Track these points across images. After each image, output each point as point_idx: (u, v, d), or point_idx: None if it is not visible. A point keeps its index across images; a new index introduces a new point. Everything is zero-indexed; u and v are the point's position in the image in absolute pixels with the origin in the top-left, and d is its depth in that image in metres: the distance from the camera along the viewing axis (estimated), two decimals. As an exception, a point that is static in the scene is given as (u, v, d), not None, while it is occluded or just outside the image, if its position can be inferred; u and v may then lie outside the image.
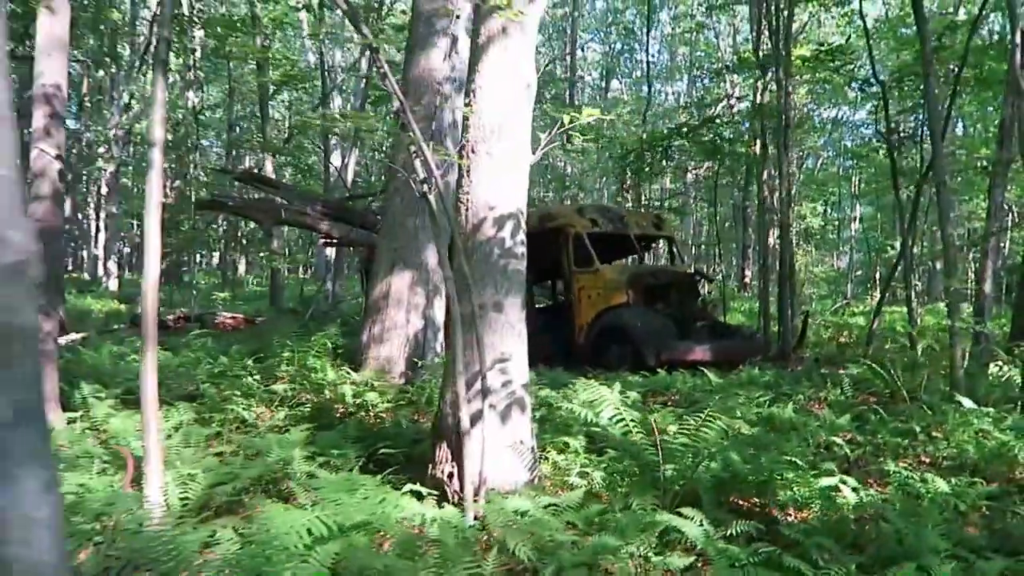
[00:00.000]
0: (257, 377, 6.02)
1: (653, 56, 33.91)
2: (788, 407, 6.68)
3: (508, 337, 4.03)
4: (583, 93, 42.62)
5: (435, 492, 3.97)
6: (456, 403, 3.85)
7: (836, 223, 34.29)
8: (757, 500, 4.56)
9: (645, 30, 31.23)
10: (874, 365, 7.43)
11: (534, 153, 4.18)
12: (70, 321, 14.74)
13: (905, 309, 9.00)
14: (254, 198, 13.27)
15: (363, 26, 3.77)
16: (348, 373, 6.46)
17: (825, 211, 33.39)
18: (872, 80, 9.85)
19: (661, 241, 12.87)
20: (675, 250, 12.13)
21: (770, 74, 11.69)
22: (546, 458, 4.70)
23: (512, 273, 4.05)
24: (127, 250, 37.72)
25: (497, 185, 4.00)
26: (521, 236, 4.08)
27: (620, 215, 11.55)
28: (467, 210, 4.05)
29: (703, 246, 22.15)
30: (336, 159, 19.33)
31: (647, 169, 13.19)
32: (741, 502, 4.50)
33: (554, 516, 3.65)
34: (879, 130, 11.28)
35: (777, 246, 12.28)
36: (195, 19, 17.36)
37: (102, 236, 30.36)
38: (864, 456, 5.56)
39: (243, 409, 5.10)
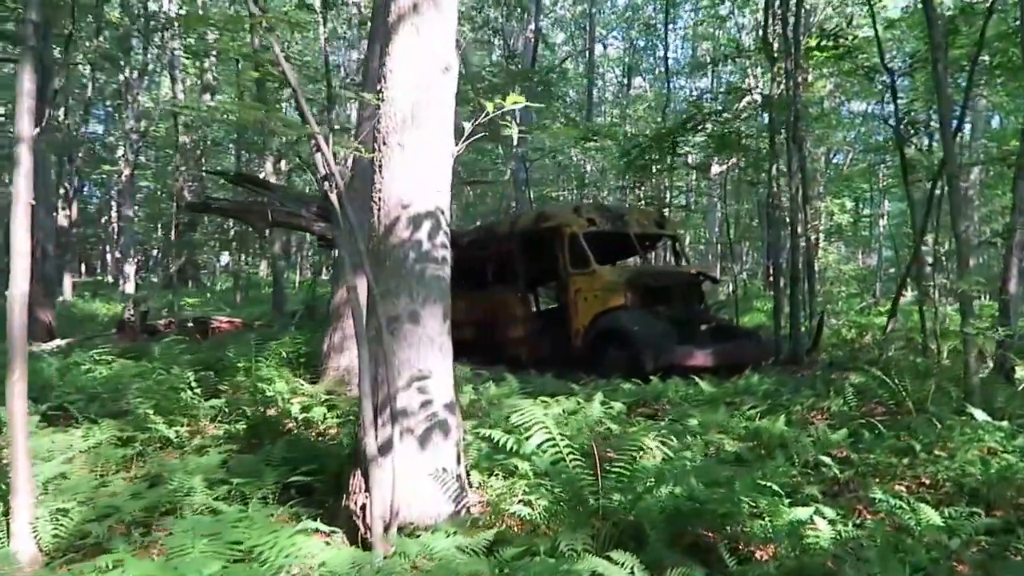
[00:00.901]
0: (198, 390, 5.63)
1: (674, 52, 33.20)
2: (779, 420, 6.13)
3: (427, 352, 3.57)
4: (604, 91, 41.98)
5: (348, 526, 3.55)
6: (365, 427, 3.40)
7: (868, 220, 33.27)
8: (725, 532, 4.05)
9: (664, 25, 30.68)
10: (879, 372, 6.82)
11: (458, 144, 3.73)
12: (60, 326, 14.61)
13: (936, 309, 8.32)
14: (248, 200, 12.96)
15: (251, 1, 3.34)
16: (303, 385, 6.06)
17: (857, 207, 32.41)
18: (880, 68, 9.21)
19: (667, 240, 12.32)
20: (679, 249, 11.58)
21: (779, 65, 11.07)
22: (486, 484, 4.24)
23: (431, 280, 3.59)
24: (155, 252, 37.85)
25: (411, 180, 3.55)
26: (442, 238, 3.63)
27: (620, 214, 11.03)
28: (379, 209, 3.61)
29: (729, 244, 21.38)
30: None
31: (652, 166, 12.62)
32: (705, 535, 3.99)
33: (470, 557, 3.20)
34: (888, 121, 10.61)
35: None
36: (175, 17, 17.12)
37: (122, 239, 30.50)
38: (855, 478, 5.01)
39: (165, 427, 4.71)
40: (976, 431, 5.63)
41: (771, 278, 27.36)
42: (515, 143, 21.37)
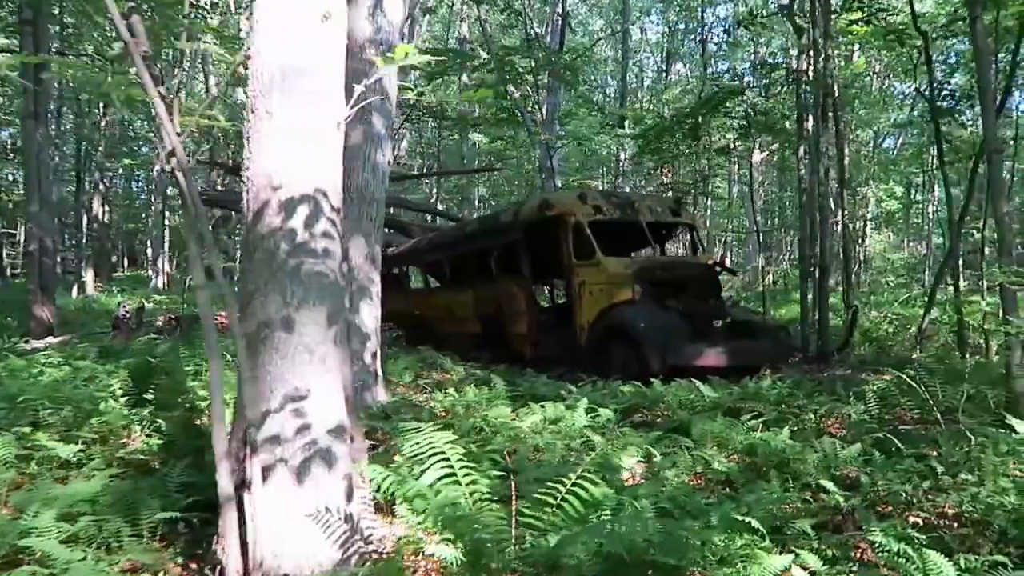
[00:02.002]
0: (122, 399, 5.10)
1: (718, 36, 31.94)
2: (782, 433, 5.36)
3: (304, 366, 2.92)
4: (643, 77, 40.76)
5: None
6: (218, 457, 2.79)
7: (920, 205, 31.64)
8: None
9: (701, 9, 29.54)
10: (906, 375, 5.95)
11: (350, 107, 3.07)
12: (72, 322, 14.41)
13: (988, 300, 7.40)
14: (237, 191, 12.48)
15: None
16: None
17: (909, 193, 30.83)
18: (913, 29, 8.21)
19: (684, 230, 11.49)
20: (697, 239, 10.75)
21: (807, 35, 10.16)
22: (409, 515, 3.58)
23: (309, 277, 2.94)
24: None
25: (283, 155, 2.90)
26: (324, 226, 2.97)
27: (630, 201, 10.26)
28: (247, 191, 2.97)
29: (758, 233, 20.35)
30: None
31: (672, 149, 11.78)
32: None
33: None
34: (922, 92, 9.57)
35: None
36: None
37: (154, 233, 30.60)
38: (862, 507, 4.22)
39: (61, 444, 4.16)
40: (1015, 448, 4.80)
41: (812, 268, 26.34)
42: (537, 127, 20.68)
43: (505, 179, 28.62)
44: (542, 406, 6.49)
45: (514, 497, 2.93)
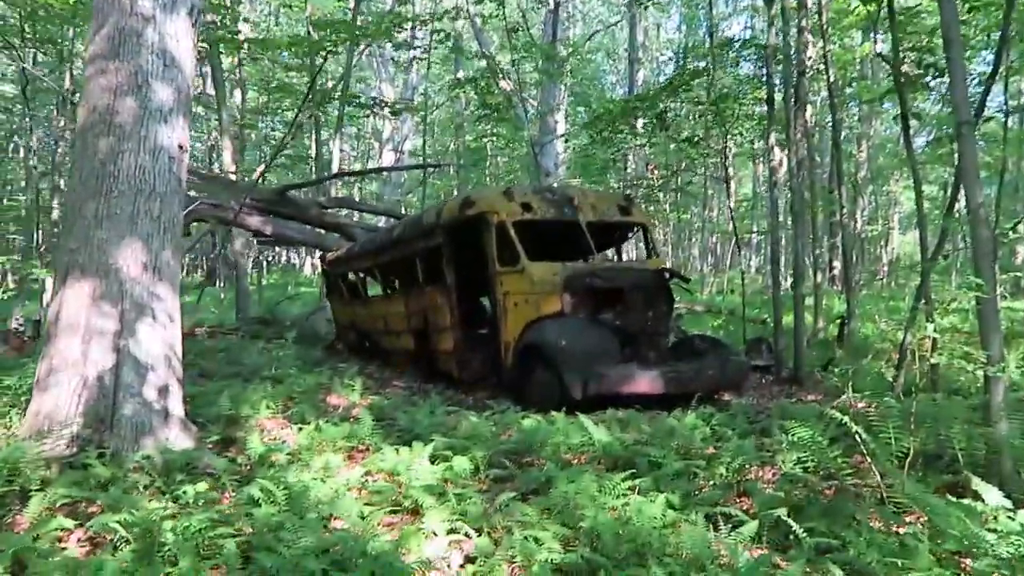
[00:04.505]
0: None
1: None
2: (657, 502, 3.96)
3: None
4: (660, 73, 39.09)
5: None
6: None
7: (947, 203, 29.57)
8: None
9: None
10: (843, 416, 4.43)
11: None
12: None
13: (940, 321, 5.89)
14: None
15: None
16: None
17: (946, 190, 28.76)
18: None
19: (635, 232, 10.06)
20: (649, 242, 9.32)
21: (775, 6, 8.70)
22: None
23: None
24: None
25: None
26: None
27: (568, 197, 8.85)
28: None
29: (735, 236, 18.61)
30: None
31: (625, 138, 10.36)
32: None
33: None
34: (881, 55, 7.96)
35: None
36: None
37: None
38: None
39: None
40: (966, 534, 3.37)
41: (834, 272, 24.55)
42: (525, 125, 19.29)
43: (496, 180, 27.22)
44: (396, 451, 5.20)
45: None
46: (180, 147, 4.90)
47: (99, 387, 4.57)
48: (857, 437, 4.25)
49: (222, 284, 30.02)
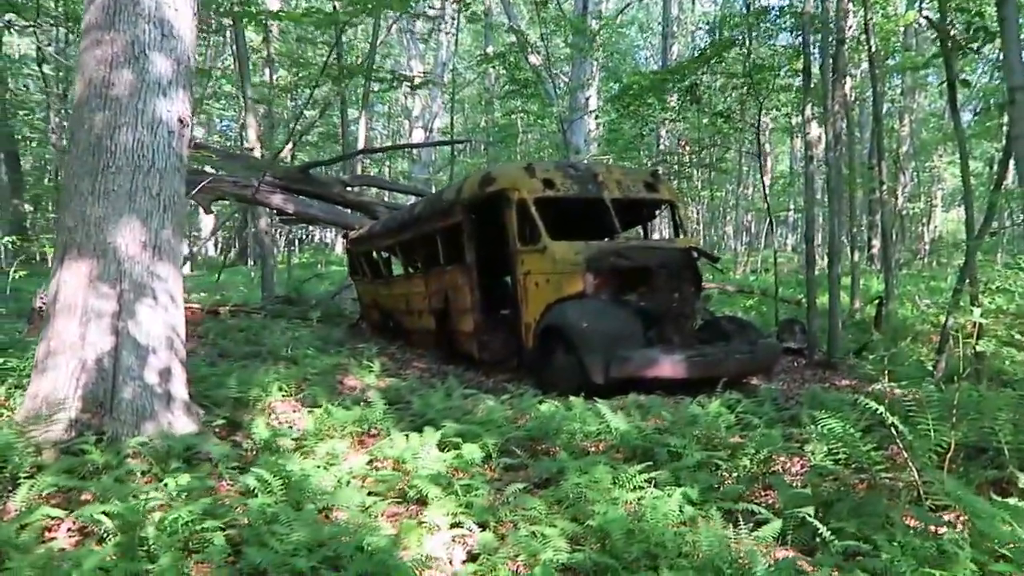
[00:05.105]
0: None
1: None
2: (676, 495, 3.71)
3: None
4: (693, 50, 38.17)
5: None
6: None
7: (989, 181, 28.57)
8: None
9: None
10: (878, 405, 4.12)
11: None
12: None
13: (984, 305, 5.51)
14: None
15: None
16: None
17: (991, 166, 27.80)
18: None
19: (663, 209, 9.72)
20: (677, 219, 8.98)
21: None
22: None
23: None
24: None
25: None
26: None
27: (592, 174, 8.55)
28: None
29: (768, 212, 18.01)
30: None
31: (650, 112, 9.97)
32: None
33: None
34: (928, 18, 7.45)
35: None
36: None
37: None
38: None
39: None
40: (1014, 529, 3.08)
41: (874, 250, 23.85)
42: (554, 100, 18.89)
43: (526, 157, 26.82)
44: (406, 437, 5.01)
45: None
46: (180, 121, 4.71)
47: (98, 370, 4.43)
48: (893, 428, 3.95)
49: (253, 263, 30.13)
